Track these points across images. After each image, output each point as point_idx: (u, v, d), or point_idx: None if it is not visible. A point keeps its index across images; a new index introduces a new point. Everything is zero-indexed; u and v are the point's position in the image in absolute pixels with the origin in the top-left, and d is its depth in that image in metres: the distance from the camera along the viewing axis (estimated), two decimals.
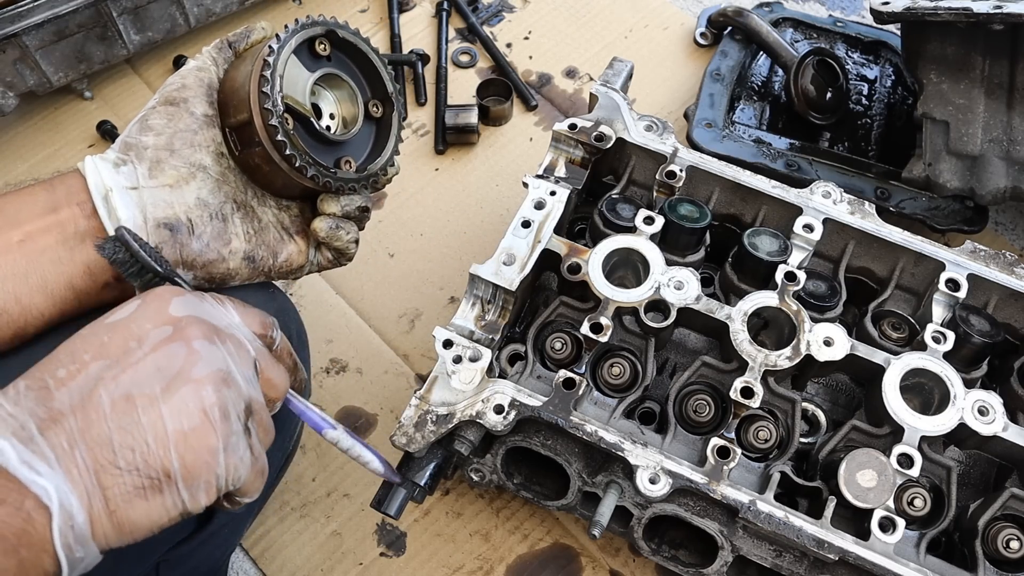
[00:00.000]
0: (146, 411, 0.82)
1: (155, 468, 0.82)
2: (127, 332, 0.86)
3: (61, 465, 0.78)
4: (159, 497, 0.83)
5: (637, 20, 2.24)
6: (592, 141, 1.48)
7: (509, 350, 1.40)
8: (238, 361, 0.91)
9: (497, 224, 1.88)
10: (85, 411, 0.81)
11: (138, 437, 0.81)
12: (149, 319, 0.88)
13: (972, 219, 1.74)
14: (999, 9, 1.50)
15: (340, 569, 1.53)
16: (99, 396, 0.81)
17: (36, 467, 0.77)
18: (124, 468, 0.81)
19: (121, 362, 0.84)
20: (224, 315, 0.96)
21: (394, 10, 2.18)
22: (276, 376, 0.99)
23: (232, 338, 0.92)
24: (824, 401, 1.44)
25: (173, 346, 0.86)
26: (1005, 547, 1.25)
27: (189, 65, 1.15)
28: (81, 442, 0.79)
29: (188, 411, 0.84)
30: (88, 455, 0.79)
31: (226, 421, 0.86)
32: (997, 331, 1.36)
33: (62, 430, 0.79)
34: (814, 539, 1.20)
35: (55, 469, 0.78)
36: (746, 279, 1.41)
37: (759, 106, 1.97)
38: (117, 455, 0.80)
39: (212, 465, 0.85)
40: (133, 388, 0.83)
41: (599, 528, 1.25)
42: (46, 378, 0.82)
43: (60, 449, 0.79)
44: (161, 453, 0.82)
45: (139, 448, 0.81)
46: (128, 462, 0.81)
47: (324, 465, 1.62)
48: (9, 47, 1.77)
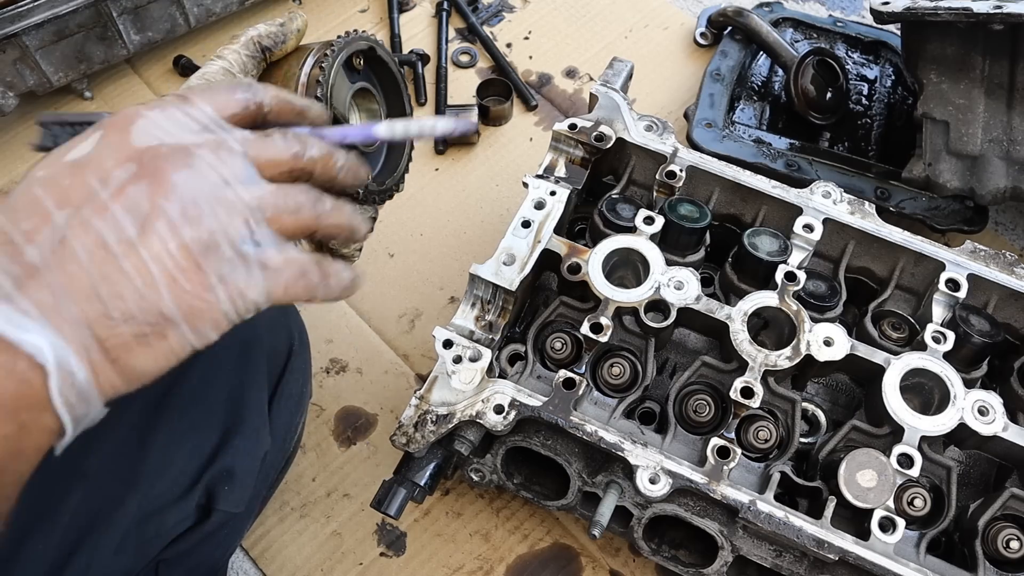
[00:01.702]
0: (127, 257, 0.76)
1: (152, 314, 0.77)
2: (89, 173, 0.78)
3: (50, 322, 0.73)
4: (163, 342, 0.78)
5: (637, 20, 2.24)
6: (592, 141, 1.48)
7: (509, 350, 1.40)
8: (222, 169, 0.81)
9: (497, 224, 1.88)
10: (62, 264, 0.74)
11: (126, 285, 0.76)
12: (111, 155, 0.79)
13: (972, 219, 1.74)
14: (999, 9, 1.50)
15: (340, 569, 1.53)
16: (72, 247, 0.75)
17: (23, 325, 0.71)
18: (119, 318, 0.76)
19: (87, 207, 0.76)
20: (193, 119, 0.85)
21: (394, 10, 2.18)
22: (278, 149, 0.87)
23: (208, 145, 0.82)
24: (824, 401, 1.44)
25: (141, 185, 0.78)
26: (1005, 547, 1.25)
27: (215, 67, 1.08)
28: (66, 296, 0.74)
29: (170, 251, 0.77)
30: (76, 309, 0.74)
31: (212, 252, 0.79)
32: (997, 331, 1.36)
33: (43, 285, 0.74)
34: (814, 539, 1.20)
35: (44, 326, 0.72)
36: (746, 279, 1.41)
37: (759, 106, 1.97)
38: (107, 305, 0.75)
39: (213, 302, 0.79)
40: (107, 234, 0.76)
41: (599, 528, 1.25)
42: (10, 232, 0.75)
43: (45, 306, 0.73)
44: (154, 298, 0.76)
45: (129, 296, 0.76)
46: (121, 311, 0.76)
47: (324, 465, 1.62)
48: (9, 47, 1.77)
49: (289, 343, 1.36)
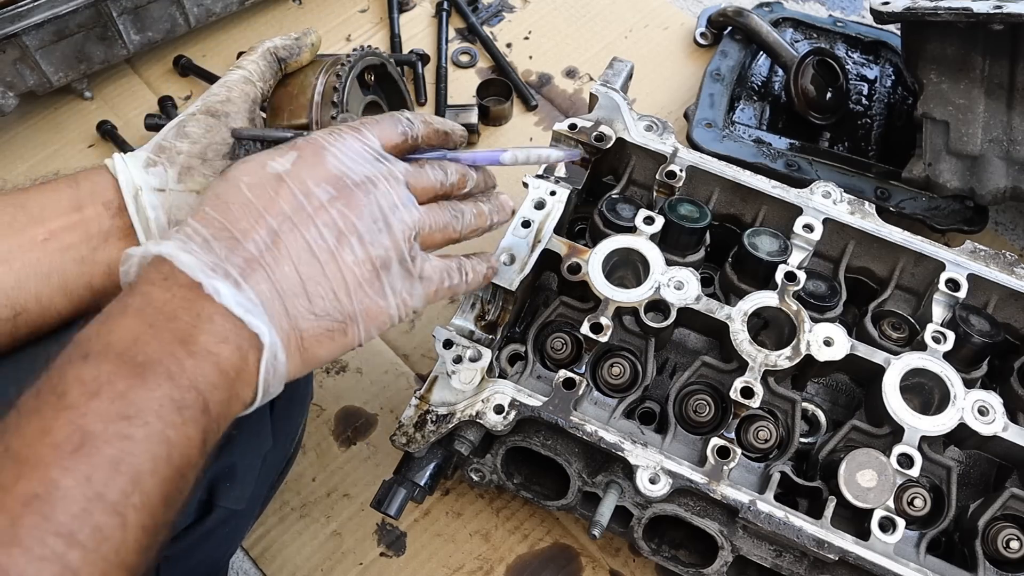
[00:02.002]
0: (328, 264, 0.92)
1: (344, 315, 0.94)
2: (295, 188, 0.93)
3: (266, 310, 0.88)
4: (344, 338, 0.96)
5: (637, 20, 2.24)
6: (592, 141, 1.48)
7: (509, 350, 1.40)
8: (392, 197, 0.99)
9: None
10: (278, 261, 0.89)
11: (326, 286, 0.92)
12: (310, 176, 0.94)
13: (972, 219, 1.74)
14: (999, 9, 1.50)
15: (340, 569, 1.53)
16: (286, 247, 0.90)
17: (251, 309, 0.86)
18: (318, 315, 0.92)
19: (294, 217, 0.92)
20: (367, 149, 1.01)
21: (394, 10, 2.18)
22: (429, 179, 1.06)
23: (382, 176, 0.99)
24: (824, 401, 1.44)
25: (337, 205, 0.94)
26: (1005, 547, 1.25)
27: (235, 76, 1.17)
28: (280, 289, 0.89)
29: (359, 262, 0.94)
30: (288, 302, 0.90)
31: (387, 265, 0.97)
32: (997, 331, 1.36)
33: (263, 277, 0.88)
34: (814, 539, 1.20)
35: (263, 312, 0.87)
36: (746, 279, 1.41)
37: (759, 106, 1.97)
38: (312, 303, 0.91)
39: (384, 308, 0.97)
40: (312, 242, 0.92)
41: (599, 528, 1.25)
42: (230, 228, 0.89)
43: (264, 294, 0.88)
44: (346, 301, 0.94)
45: (327, 296, 0.92)
46: (321, 308, 0.92)
47: (324, 465, 1.62)
48: (9, 47, 1.77)
49: None
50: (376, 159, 1.00)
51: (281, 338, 0.90)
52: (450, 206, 1.09)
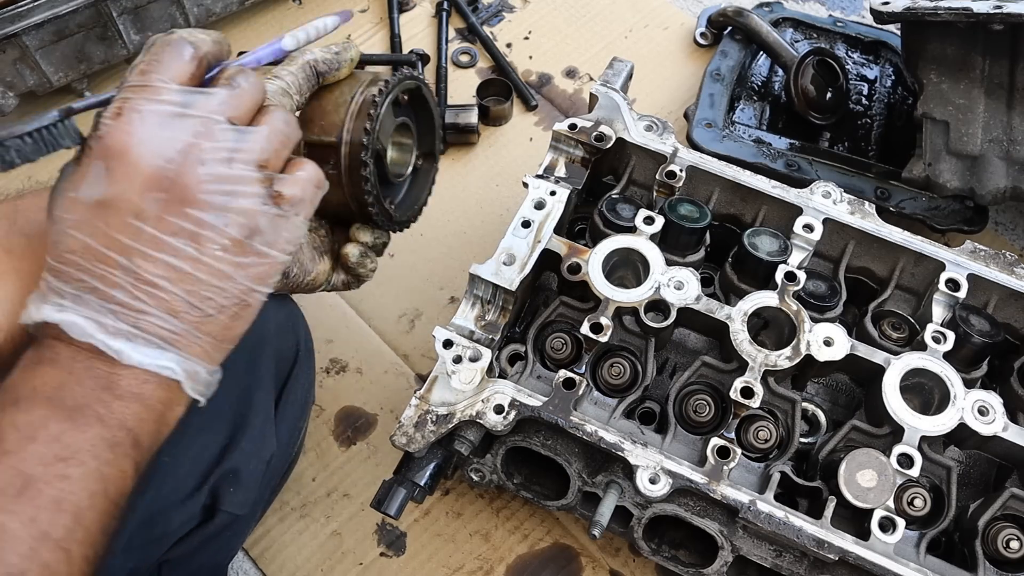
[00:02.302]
0: (198, 269, 0.88)
1: (236, 296, 0.91)
2: (124, 212, 0.86)
3: (169, 343, 0.89)
4: (248, 309, 0.94)
5: (637, 20, 2.24)
6: (592, 141, 1.48)
7: (509, 350, 1.40)
8: (221, 152, 0.89)
9: (497, 224, 1.88)
10: (151, 297, 0.87)
11: (208, 288, 0.89)
12: (130, 189, 0.86)
13: (972, 219, 1.74)
14: (999, 9, 1.50)
15: (340, 569, 1.53)
16: (150, 280, 0.87)
17: (151, 355, 0.88)
18: (215, 313, 0.91)
19: (140, 244, 0.87)
20: (168, 105, 0.89)
21: (394, 10, 2.18)
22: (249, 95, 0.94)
23: (200, 135, 0.88)
24: (824, 401, 1.44)
25: (174, 207, 0.87)
26: (1005, 547, 1.25)
27: (273, 87, 1.12)
28: (169, 318, 0.88)
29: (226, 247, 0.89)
30: (181, 324, 0.89)
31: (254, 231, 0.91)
32: (997, 331, 1.36)
33: (150, 318, 0.87)
34: (814, 539, 1.20)
35: (166, 349, 0.89)
36: (746, 279, 1.41)
37: (759, 106, 1.97)
38: (203, 308, 0.90)
39: (271, 262, 0.93)
40: (172, 260, 0.88)
41: (599, 528, 1.25)
42: (87, 280, 0.86)
43: (158, 331, 0.88)
44: (232, 285, 0.91)
45: (215, 294, 0.90)
46: (215, 307, 0.90)
47: (324, 465, 1.62)
48: (9, 47, 1.77)
49: (296, 348, 1.37)
50: (182, 115, 0.89)
51: (195, 353, 0.91)
52: (278, 112, 0.97)
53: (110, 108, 0.89)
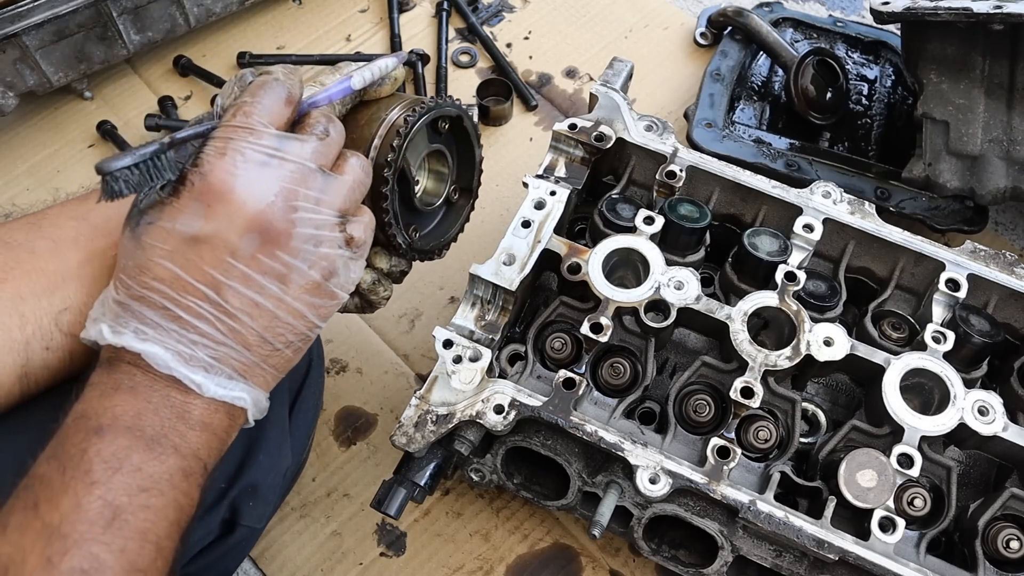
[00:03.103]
0: (279, 308, 0.94)
1: (303, 332, 0.98)
2: (219, 249, 0.90)
3: (240, 374, 0.94)
4: (309, 343, 1.01)
5: (637, 20, 2.24)
6: (592, 141, 1.48)
7: (509, 350, 1.40)
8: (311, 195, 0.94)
9: (497, 224, 1.87)
10: (232, 331, 0.92)
11: (284, 326, 0.95)
12: (229, 227, 0.90)
13: (972, 219, 1.74)
14: (999, 9, 1.50)
15: (340, 569, 1.53)
16: (234, 314, 0.92)
17: (226, 385, 0.93)
18: (283, 347, 0.97)
19: (229, 279, 0.91)
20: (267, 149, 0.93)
21: (394, 10, 2.18)
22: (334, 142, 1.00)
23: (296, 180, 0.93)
24: (824, 401, 1.44)
25: (268, 249, 0.92)
26: (1005, 547, 1.25)
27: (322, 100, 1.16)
28: (244, 350, 0.94)
29: (307, 290, 0.95)
30: (254, 355, 0.94)
31: (331, 274, 0.97)
32: (997, 331, 1.36)
33: (227, 351, 0.93)
34: (814, 539, 1.20)
35: (238, 380, 0.94)
36: (746, 279, 1.41)
37: (759, 106, 1.97)
38: (274, 344, 0.96)
39: (338, 302, 1.00)
40: (257, 298, 0.93)
41: (599, 528, 1.25)
42: (171, 307, 0.90)
43: (233, 363, 0.93)
44: (303, 323, 0.97)
45: (287, 330, 0.96)
46: (284, 342, 0.97)
47: (324, 465, 1.62)
48: (9, 47, 1.77)
49: (308, 359, 1.37)
50: (281, 160, 0.93)
51: (259, 384, 0.97)
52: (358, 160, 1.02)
53: (212, 145, 0.92)
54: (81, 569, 0.80)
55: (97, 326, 0.92)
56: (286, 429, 1.31)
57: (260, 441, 1.24)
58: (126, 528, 0.84)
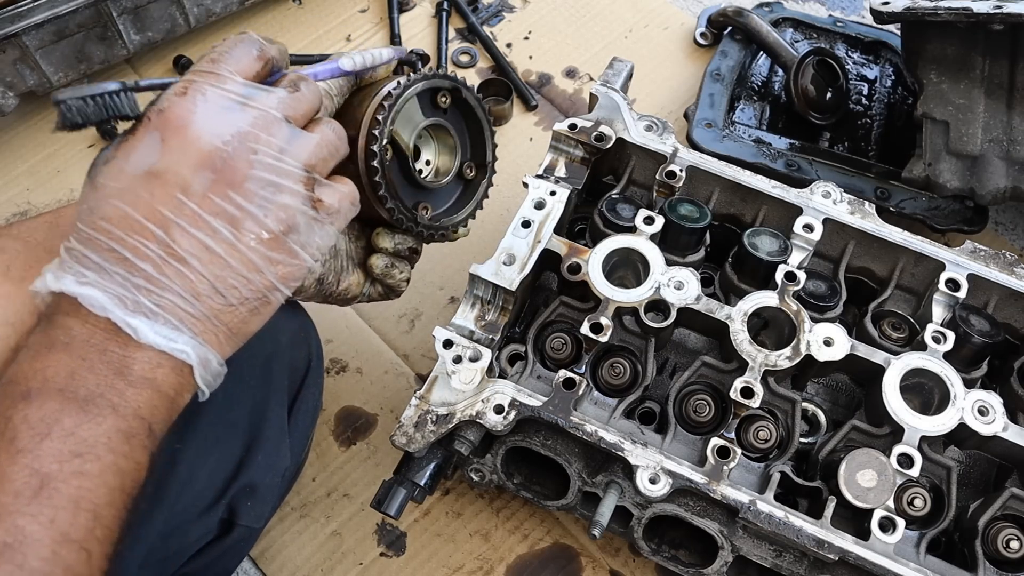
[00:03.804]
0: (231, 255, 0.89)
1: (260, 291, 0.92)
2: (170, 184, 0.86)
3: (187, 326, 0.88)
4: (267, 307, 0.94)
5: (637, 20, 2.24)
6: (592, 141, 1.48)
7: (509, 350, 1.40)
8: (274, 144, 0.91)
9: (497, 224, 1.87)
10: (180, 274, 0.87)
11: (236, 277, 0.89)
12: (182, 162, 0.87)
13: (972, 219, 1.74)
14: (999, 9, 1.50)
15: (340, 569, 1.53)
16: (183, 256, 0.87)
17: (170, 336, 0.87)
18: (237, 303, 0.91)
19: (180, 218, 0.86)
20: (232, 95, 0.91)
21: (394, 10, 2.18)
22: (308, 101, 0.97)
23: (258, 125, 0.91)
24: (824, 401, 1.44)
25: (221, 189, 0.88)
26: (1005, 547, 1.25)
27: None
28: (192, 299, 0.88)
29: (262, 240, 0.90)
30: (203, 307, 0.88)
31: (291, 228, 0.92)
32: (997, 331, 1.36)
33: (172, 297, 0.87)
34: (814, 539, 1.20)
35: (183, 331, 0.88)
36: (746, 279, 1.41)
37: (759, 106, 1.96)
38: (226, 296, 0.89)
39: (300, 264, 0.94)
40: (208, 240, 0.87)
41: (599, 528, 1.25)
42: (119, 249, 0.85)
43: (179, 313, 0.87)
44: (259, 279, 0.91)
45: (240, 284, 0.90)
46: (238, 298, 0.90)
47: (324, 465, 1.62)
48: (9, 47, 1.77)
49: (308, 359, 1.37)
50: (243, 105, 0.91)
51: (209, 341, 0.90)
52: (329, 123, 0.99)
53: (174, 88, 0.90)
54: (4, 543, 0.75)
55: (43, 277, 0.87)
56: (285, 429, 1.31)
57: (258, 441, 1.24)
58: (56, 496, 0.78)
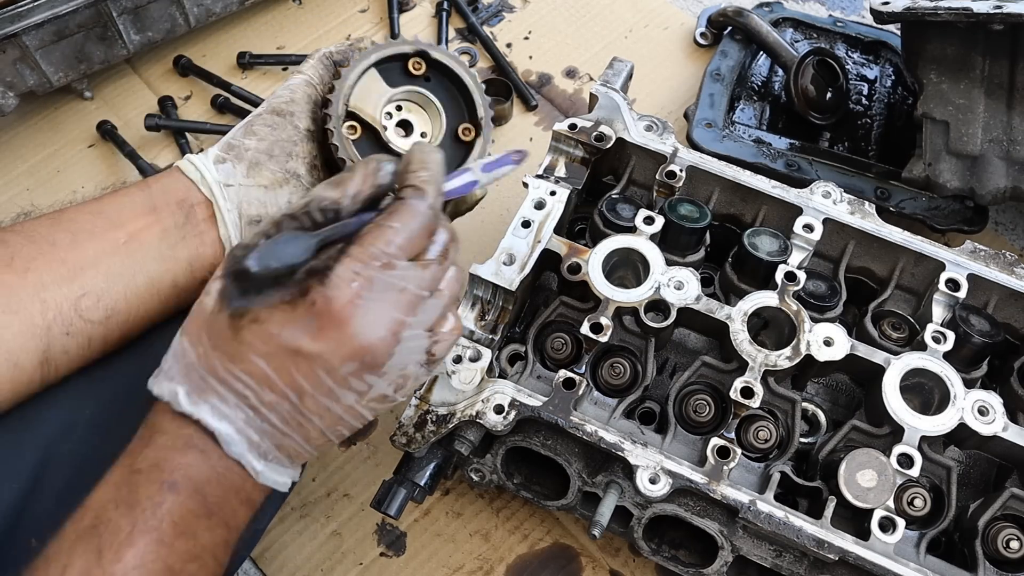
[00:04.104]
0: (348, 414, 0.97)
1: (356, 427, 0.99)
2: (317, 366, 0.92)
3: (292, 459, 0.98)
4: None
5: (637, 20, 2.24)
6: (592, 141, 1.48)
7: (509, 350, 1.40)
8: (417, 325, 0.96)
9: (497, 224, 1.87)
10: (300, 427, 0.95)
11: (345, 424, 0.98)
12: (335, 353, 0.91)
13: (972, 219, 1.74)
14: (999, 9, 1.50)
15: (340, 569, 1.53)
16: (309, 418, 0.95)
17: (279, 471, 0.97)
18: (335, 438, 0.99)
19: (315, 389, 0.93)
20: (396, 281, 0.94)
21: (394, 10, 2.18)
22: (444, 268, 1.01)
23: (408, 308, 0.94)
24: (824, 401, 1.44)
25: (362, 373, 0.94)
26: (1005, 547, 1.25)
27: (298, 79, 1.21)
28: (305, 442, 0.97)
29: (379, 398, 0.98)
30: (312, 446, 0.98)
31: (403, 385, 0.99)
32: (997, 331, 1.36)
33: (290, 444, 0.96)
34: (814, 539, 1.20)
35: (287, 464, 0.98)
36: (746, 279, 1.41)
37: (759, 106, 1.97)
38: (330, 436, 0.98)
39: (396, 402, 1.01)
40: (334, 408, 0.95)
41: (599, 528, 1.25)
42: (250, 398, 0.92)
43: (290, 452, 0.97)
44: (360, 422, 0.99)
45: (345, 427, 0.98)
46: (338, 435, 0.99)
47: (324, 465, 1.62)
48: (9, 47, 1.77)
49: None
50: (401, 291, 0.94)
51: (301, 461, 1.00)
52: (455, 269, 1.03)
53: (346, 266, 0.91)
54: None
55: (172, 386, 0.93)
56: None
57: None
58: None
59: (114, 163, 1.96)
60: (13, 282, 1.00)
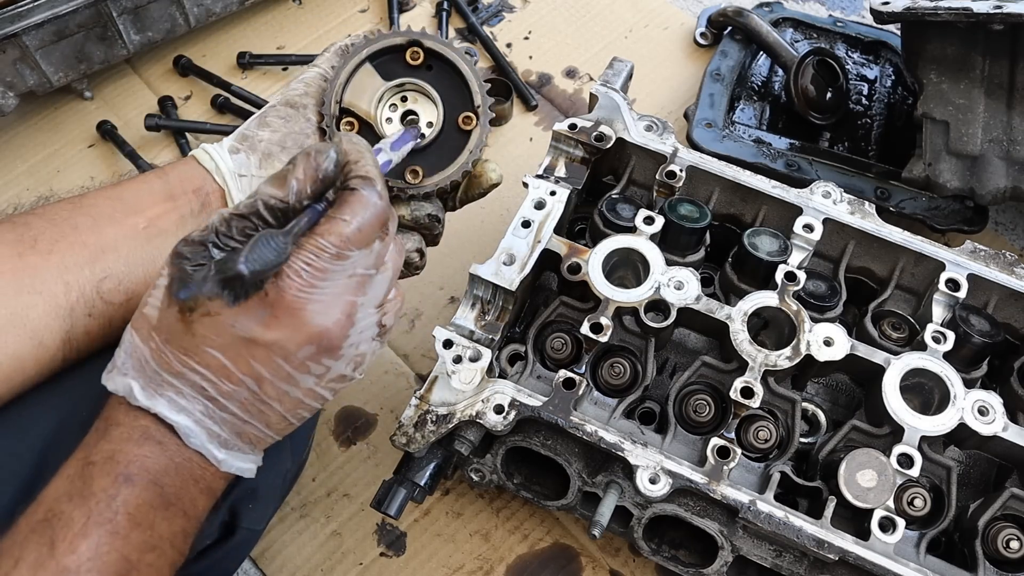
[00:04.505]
0: (308, 396, 0.97)
1: (316, 408, 1.01)
2: (274, 353, 0.92)
3: (253, 446, 0.99)
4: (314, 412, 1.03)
5: (637, 20, 2.24)
6: (592, 141, 1.48)
7: (509, 350, 1.40)
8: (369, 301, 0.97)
9: (497, 224, 1.88)
10: (261, 413, 0.95)
11: (305, 407, 0.99)
12: (291, 339, 0.92)
13: (972, 219, 1.74)
14: (999, 9, 1.50)
15: (340, 569, 1.53)
16: (268, 403, 0.95)
17: (241, 458, 0.98)
18: (296, 421, 1.00)
19: (274, 376, 0.93)
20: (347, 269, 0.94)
21: (394, 10, 2.18)
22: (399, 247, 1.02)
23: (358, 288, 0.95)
24: (824, 401, 1.44)
25: (320, 357, 0.95)
26: (1005, 547, 1.25)
27: (313, 72, 1.22)
28: (266, 428, 0.97)
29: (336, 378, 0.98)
30: (273, 431, 0.98)
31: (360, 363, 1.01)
32: (997, 331, 1.36)
33: (251, 430, 0.97)
34: (814, 539, 1.20)
35: (250, 451, 0.99)
36: (746, 279, 1.41)
37: (759, 106, 1.96)
38: (291, 420, 0.99)
39: (353, 380, 1.02)
40: (294, 392, 0.96)
41: (599, 528, 1.25)
42: (208, 389, 0.92)
43: (250, 439, 0.98)
44: (321, 403, 1.00)
45: (305, 409, 0.99)
46: (299, 418, 1.00)
47: (324, 465, 1.62)
48: (9, 47, 1.77)
49: None
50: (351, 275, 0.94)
51: (262, 448, 1.01)
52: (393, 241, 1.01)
53: (299, 260, 0.91)
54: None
55: (126, 381, 0.92)
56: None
57: None
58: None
59: (114, 163, 1.96)
60: (38, 263, 1.01)
